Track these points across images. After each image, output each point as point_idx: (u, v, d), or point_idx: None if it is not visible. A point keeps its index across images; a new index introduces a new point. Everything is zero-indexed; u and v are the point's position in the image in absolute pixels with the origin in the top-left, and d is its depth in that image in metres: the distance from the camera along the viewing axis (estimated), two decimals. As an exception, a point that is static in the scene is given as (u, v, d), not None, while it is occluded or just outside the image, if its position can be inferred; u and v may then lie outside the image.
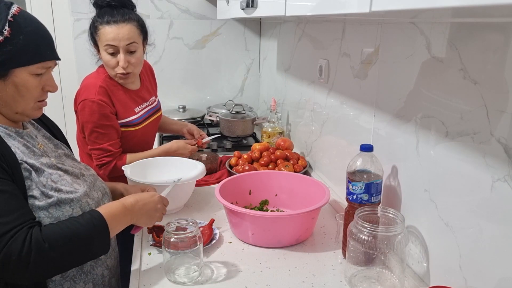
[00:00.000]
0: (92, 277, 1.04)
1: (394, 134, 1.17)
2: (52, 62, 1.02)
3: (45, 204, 0.94)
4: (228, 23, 2.64)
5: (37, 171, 0.96)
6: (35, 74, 0.98)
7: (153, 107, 1.74)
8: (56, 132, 1.19)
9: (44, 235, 0.87)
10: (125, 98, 1.61)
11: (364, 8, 0.74)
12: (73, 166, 1.09)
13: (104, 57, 1.53)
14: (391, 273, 1.05)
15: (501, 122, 0.81)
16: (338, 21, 1.49)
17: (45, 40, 0.99)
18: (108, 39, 1.49)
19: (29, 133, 1.03)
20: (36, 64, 0.96)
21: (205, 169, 1.50)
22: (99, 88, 1.52)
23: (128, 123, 1.61)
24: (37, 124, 1.13)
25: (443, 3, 0.56)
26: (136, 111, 1.64)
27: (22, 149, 0.97)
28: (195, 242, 1.07)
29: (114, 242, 1.17)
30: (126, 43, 1.50)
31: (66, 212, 0.96)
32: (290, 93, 2.14)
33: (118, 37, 1.48)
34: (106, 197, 1.13)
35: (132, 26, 1.51)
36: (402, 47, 1.11)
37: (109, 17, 1.49)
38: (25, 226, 0.86)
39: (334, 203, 1.50)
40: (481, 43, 0.85)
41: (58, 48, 2.75)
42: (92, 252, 0.96)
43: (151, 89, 1.77)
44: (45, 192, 0.95)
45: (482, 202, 0.86)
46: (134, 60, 1.54)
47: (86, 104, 1.51)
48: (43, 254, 0.85)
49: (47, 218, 0.94)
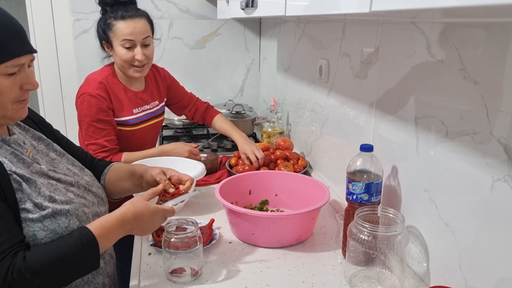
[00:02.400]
0: (94, 286, 1.02)
1: (394, 134, 1.17)
2: (26, 57, 0.89)
3: (39, 216, 0.88)
4: (228, 23, 2.64)
5: (28, 181, 0.89)
6: (7, 75, 0.87)
7: (154, 112, 1.75)
8: (44, 130, 1.11)
9: (27, 262, 0.83)
10: (124, 97, 1.62)
11: (364, 8, 0.74)
12: (66, 173, 1.03)
13: (119, 51, 1.56)
14: (391, 273, 1.05)
15: (501, 122, 0.81)
16: (338, 21, 1.49)
17: (12, 33, 0.87)
18: (125, 34, 1.53)
19: (16, 140, 0.95)
20: (5, 63, 0.85)
21: (205, 169, 1.50)
22: (99, 83, 1.56)
23: (124, 122, 1.62)
24: (24, 124, 1.04)
25: (443, 3, 0.56)
26: (134, 112, 1.65)
27: (10, 158, 0.90)
28: (195, 242, 1.07)
29: (111, 249, 1.14)
30: (143, 37, 1.56)
31: (63, 224, 0.91)
32: (290, 93, 2.14)
33: (135, 32, 1.54)
34: (102, 204, 1.08)
35: (145, 21, 1.58)
36: (402, 47, 1.11)
37: (123, 12, 1.54)
38: (11, 251, 0.83)
39: (334, 203, 1.50)
40: (481, 43, 0.85)
41: (58, 48, 2.73)
42: (79, 271, 0.92)
43: (156, 94, 1.77)
44: (38, 204, 0.89)
45: (482, 202, 0.86)
46: (149, 53, 1.60)
47: (84, 98, 1.54)
48: (25, 283, 0.82)
49: (42, 231, 0.89)
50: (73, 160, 1.11)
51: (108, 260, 1.09)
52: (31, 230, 0.88)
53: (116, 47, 1.56)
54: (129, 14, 1.54)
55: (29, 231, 0.88)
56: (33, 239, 0.89)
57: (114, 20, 1.54)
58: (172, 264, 1.08)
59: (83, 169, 1.12)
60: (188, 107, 1.92)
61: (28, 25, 2.43)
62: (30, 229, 0.88)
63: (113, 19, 1.54)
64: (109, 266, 1.09)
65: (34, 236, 0.89)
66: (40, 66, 2.50)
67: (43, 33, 2.44)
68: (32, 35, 2.45)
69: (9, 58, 0.86)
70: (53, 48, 2.48)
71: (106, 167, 1.23)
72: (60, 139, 1.16)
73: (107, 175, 1.22)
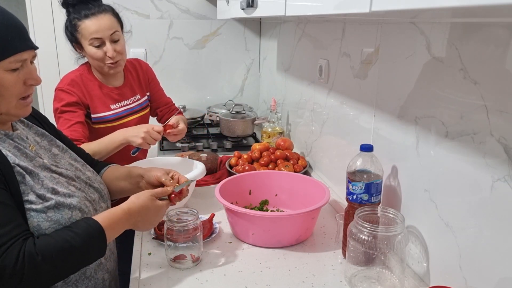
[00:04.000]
0: (94, 281, 1.03)
1: (394, 134, 1.17)
2: (28, 53, 0.93)
3: (42, 207, 0.90)
4: (228, 23, 2.64)
5: (31, 174, 0.92)
6: (10, 70, 0.90)
7: (135, 106, 1.73)
8: (47, 127, 1.13)
9: (37, 247, 0.85)
10: (99, 93, 1.61)
11: (364, 8, 0.74)
12: (68, 167, 1.04)
13: (90, 51, 1.55)
14: (391, 273, 1.05)
15: (501, 122, 0.81)
16: (338, 21, 1.49)
17: (14, 30, 0.90)
18: (91, 32, 1.51)
19: (19, 135, 0.98)
20: (8, 58, 0.88)
21: (205, 169, 1.50)
22: (71, 80, 1.57)
23: (102, 118, 1.61)
24: (27, 121, 1.07)
25: (443, 3, 0.56)
26: (112, 107, 1.63)
27: (13, 152, 0.92)
28: (196, 230, 1.13)
29: (112, 245, 1.15)
30: (110, 32, 1.54)
31: (66, 215, 0.93)
32: (290, 93, 2.14)
33: (101, 28, 1.52)
34: (102, 199, 1.10)
35: (110, 16, 1.55)
36: (402, 47, 1.11)
37: (86, 11, 1.52)
38: (20, 237, 0.85)
39: (334, 203, 1.50)
40: (481, 43, 0.85)
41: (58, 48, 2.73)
42: (88, 260, 0.94)
43: (137, 88, 1.75)
44: (42, 195, 0.91)
45: (482, 202, 0.86)
46: (120, 48, 1.58)
47: (56, 93, 1.55)
48: (36, 268, 0.84)
49: (46, 222, 0.91)
50: (75, 156, 1.12)
51: (109, 256, 1.09)
52: (35, 220, 0.90)
53: (86, 47, 1.55)
54: (92, 11, 1.51)
55: (33, 221, 0.90)
56: (37, 230, 0.90)
57: (79, 20, 1.52)
58: (174, 252, 1.14)
59: (85, 165, 1.14)
60: (160, 107, 1.88)
61: (28, 24, 2.43)
62: (34, 219, 0.90)
63: (78, 20, 1.52)
64: (109, 262, 1.10)
65: (38, 227, 0.90)
66: (40, 65, 2.49)
67: (43, 32, 2.44)
68: (32, 35, 2.45)
69: (11, 54, 0.89)
70: (53, 48, 2.48)
71: (103, 168, 1.25)
72: (63, 138, 1.18)
73: (104, 174, 1.23)
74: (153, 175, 1.17)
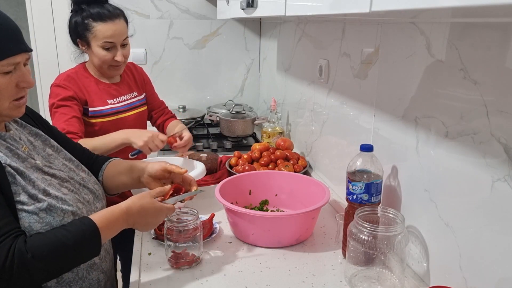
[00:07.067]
0: (88, 282, 1.02)
1: (394, 134, 1.17)
2: (21, 56, 0.92)
3: (34, 208, 0.90)
4: (228, 23, 2.64)
5: (22, 174, 0.91)
6: (3, 73, 0.89)
7: (134, 102, 1.73)
8: (41, 126, 1.12)
9: (28, 245, 0.84)
10: (96, 89, 1.62)
11: (364, 8, 0.74)
12: (61, 168, 1.04)
13: (99, 53, 1.55)
14: (391, 273, 1.05)
15: (501, 122, 0.81)
16: (338, 21, 1.49)
17: (7, 33, 0.89)
18: (106, 36, 1.52)
19: (12, 136, 0.97)
20: (0, 62, 0.88)
21: (205, 169, 1.50)
22: (66, 76, 1.58)
23: (99, 112, 1.60)
24: (21, 121, 1.05)
25: (443, 3, 0.56)
26: (108, 102, 1.64)
27: (5, 152, 0.92)
28: (196, 230, 1.14)
29: (108, 245, 1.14)
30: (122, 38, 1.57)
31: (57, 217, 0.92)
32: (290, 93, 2.14)
33: (116, 34, 1.54)
34: (97, 200, 1.08)
35: (123, 22, 1.58)
36: (402, 47, 1.11)
37: (102, 14, 1.52)
38: (11, 235, 0.84)
39: (334, 203, 1.50)
40: (481, 43, 0.85)
41: (58, 48, 2.73)
42: (80, 258, 0.93)
43: (134, 86, 1.77)
44: (34, 195, 0.90)
45: (482, 202, 0.86)
46: (127, 53, 1.62)
47: (52, 90, 1.56)
48: (26, 265, 0.83)
49: (38, 223, 0.90)
50: (70, 156, 1.11)
51: (104, 256, 1.08)
52: (27, 221, 0.89)
53: (94, 47, 1.55)
54: (108, 15, 1.52)
55: (24, 222, 0.89)
56: (29, 231, 0.89)
57: (94, 21, 1.51)
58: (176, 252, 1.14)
59: (80, 165, 1.12)
60: (155, 110, 1.89)
61: (28, 25, 2.43)
62: (26, 220, 0.89)
63: (92, 20, 1.52)
64: (104, 262, 1.09)
65: (30, 228, 0.90)
66: (40, 65, 2.50)
67: (43, 32, 2.44)
68: (32, 35, 2.45)
69: (4, 57, 0.88)
70: (53, 48, 2.48)
71: (105, 162, 1.24)
72: (57, 135, 1.16)
73: (106, 170, 1.22)
74: (155, 166, 1.16)
